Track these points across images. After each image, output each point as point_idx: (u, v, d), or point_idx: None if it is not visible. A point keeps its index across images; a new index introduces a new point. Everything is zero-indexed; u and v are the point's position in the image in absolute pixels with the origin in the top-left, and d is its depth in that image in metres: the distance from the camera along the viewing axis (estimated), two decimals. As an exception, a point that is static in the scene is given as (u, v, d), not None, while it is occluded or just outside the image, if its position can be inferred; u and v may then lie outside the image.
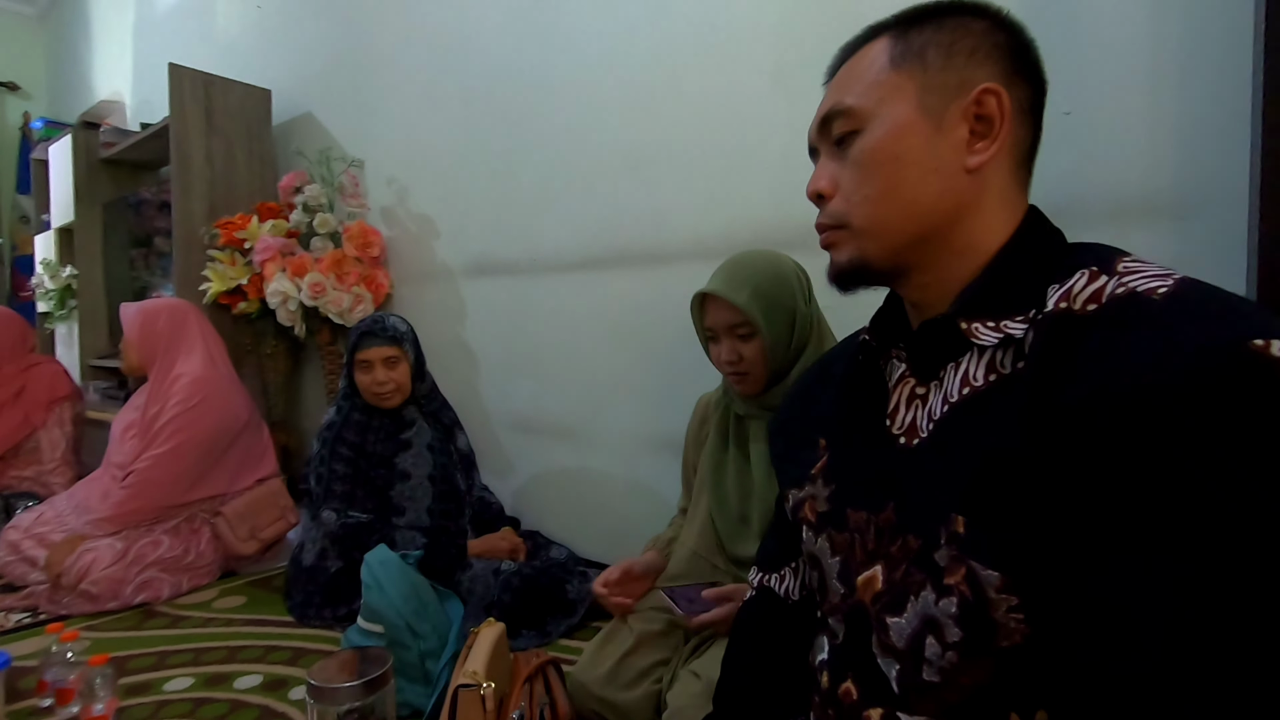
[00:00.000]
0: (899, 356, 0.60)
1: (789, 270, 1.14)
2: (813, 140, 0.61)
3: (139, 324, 1.83)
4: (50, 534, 1.70)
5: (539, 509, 1.93)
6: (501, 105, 1.93)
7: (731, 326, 1.10)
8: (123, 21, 3.71)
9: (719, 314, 1.11)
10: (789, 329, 1.10)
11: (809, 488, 0.64)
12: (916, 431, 0.54)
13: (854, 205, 0.55)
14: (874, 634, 0.53)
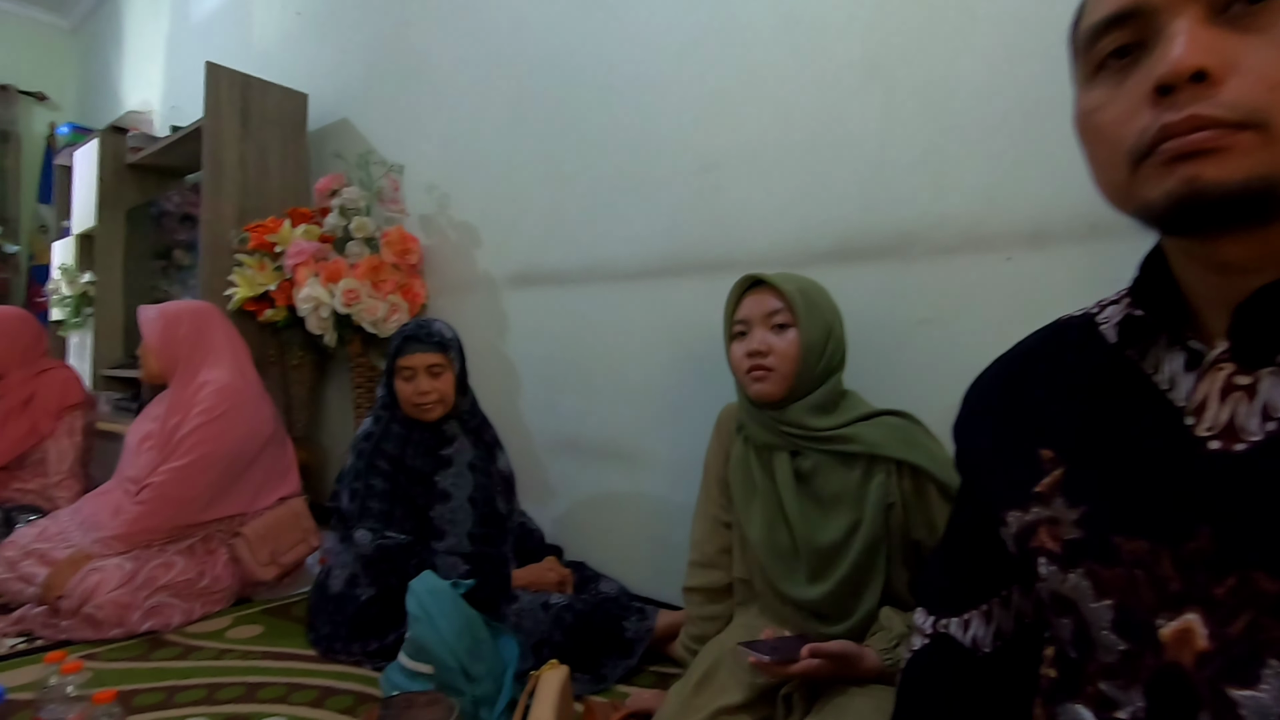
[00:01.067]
0: (1182, 337, 0.46)
1: (829, 296, 1.12)
2: None
3: (160, 328, 1.71)
4: (52, 551, 1.55)
5: (584, 538, 1.77)
6: (553, 107, 1.84)
7: (769, 314, 1.06)
8: (156, 31, 3.68)
9: (757, 302, 1.07)
10: (823, 341, 1.06)
11: (1038, 509, 0.50)
12: (1242, 433, 0.41)
13: None
14: (1205, 711, 0.39)
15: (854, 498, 1.01)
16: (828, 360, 1.06)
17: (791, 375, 1.05)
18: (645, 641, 1.35)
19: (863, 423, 1.04)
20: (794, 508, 1.05)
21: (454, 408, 1.56)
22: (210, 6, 3.24)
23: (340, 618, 1.41)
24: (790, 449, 1.08)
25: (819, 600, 1.03)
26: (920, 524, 1.00)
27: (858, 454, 1.02)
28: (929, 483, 0.98)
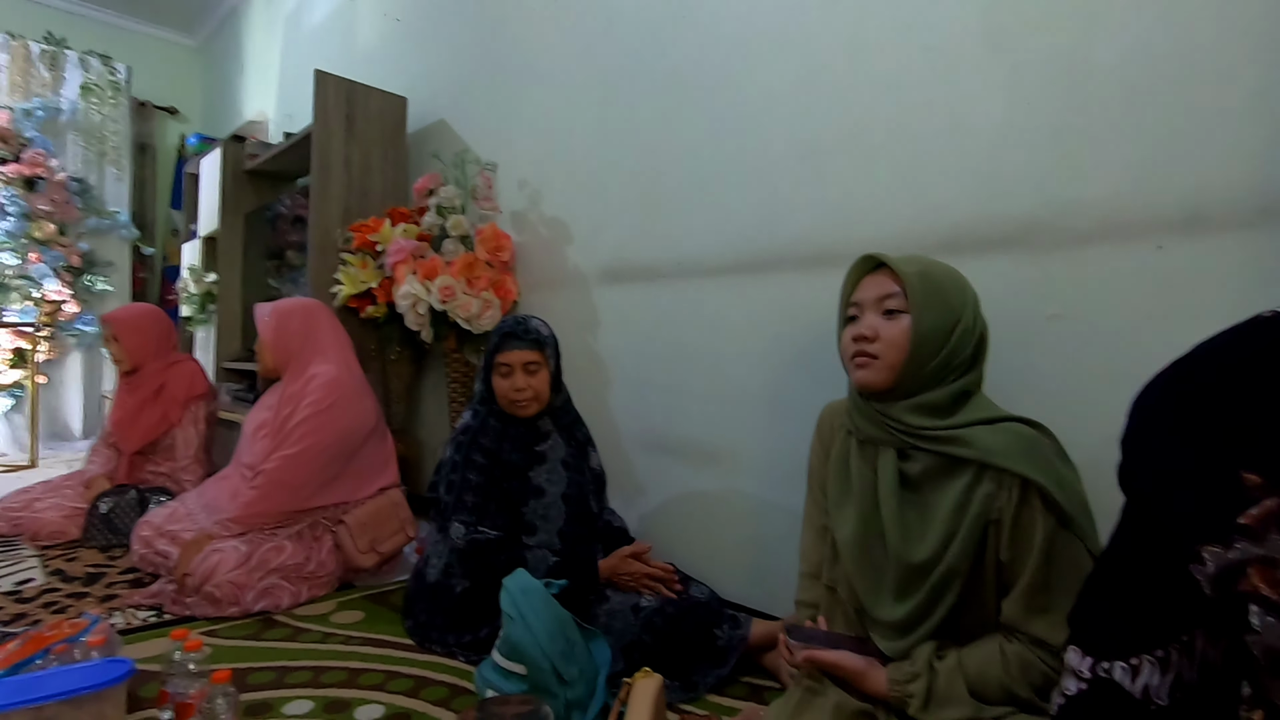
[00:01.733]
0: None
1: (966, 283, 1.01)
2: None
3: (273, 325, 1.80)
4: (180, 531, 1.66)
5: (672, 539, 1.74)
6: (645, 100, 1.80)
7: (881, 298, 0.98)
8: (271, 44, 3.92)
9: (872, 285, 1.00)
10: (944, 332, 0.95)
11: (1245, 545, 0.42)
12: None
13: None
14: None
15: (955, 508, 0.92)
16: (949, 356, 0.96)
17: (897, 366, 0.96)
18: (739, 651, 1.30)
19: (981, 426, 0.94)
20: (892, 515, 0.97)
21: (548, 404, 1.56)
22: (318, 18, 3.41)
23: (436, 607, 1.44)
24: (897, 446, 1.00)
25: (901, 620, 0.95)
26: (1012, 544, 0.89)
27: (968, 460, 0.92)
28: (1038, 501, 0.87)
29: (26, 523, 2.09)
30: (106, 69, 3.99)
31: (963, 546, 0.90)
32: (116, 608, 1.60)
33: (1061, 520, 0.86)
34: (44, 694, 0.93)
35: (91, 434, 3.88)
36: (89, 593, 1.70)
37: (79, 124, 3.89)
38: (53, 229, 3.66)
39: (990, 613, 0.92)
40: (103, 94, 3.96)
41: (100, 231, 3.92)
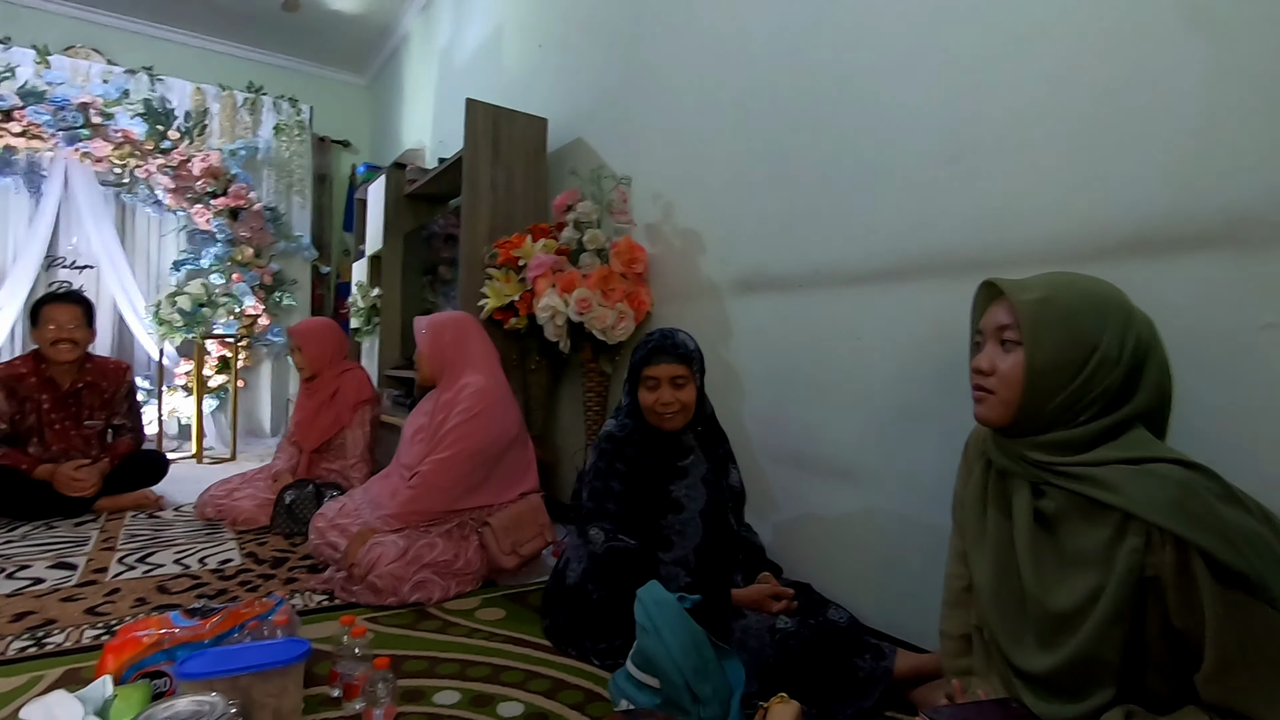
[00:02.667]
0: None
1: (1113, 303, 0.87)
2: None
3: (430, 337, 1.94)
4: (349, 525, 1.83)
5: (809, 558, 1.67)
6: (779, 105, 1.77)
7: (999, 328, 0.90)
8: (427, 77, 4.27)
9: (993, 312, 0.94)
10: (1071, 365, 0.85)
11: None
12: None
13: None
14: None
15: (1100, 558, 0.82)
16: (1080, 391, 0.85)
17: (1013, 403, 0.88)
18: (883, 684, 1.22)
19: (1126, 466, 0.82)
20: (1026, 555, 0.88)
21: (693, 419, 1.55)
22: (469, 50, 3.67)
23: (574, 611, 1.48)
24: (1031, 480, 0.90)
25: (1046, 674, 0.85)
26: (1181, 611, 0.77)
27: (1110, 505, 0.81)
28: (1201, 564, 0.75)
29: (228, 510, 2.40)
30: (294, 110, 4.53)
31: (1114, 605, 0.80)
32: (296, 590, 1.79)
33: (1237, 582, 0.73)
34: (240, 665, 1.05)
35: (278, 432, 4.39)
36: (275, 575, 1.91)
37: (271, 160, 4.44)
38: (250, 252, 4.19)
39: (1180, 677, 0.80)
40: (291, 133, 4.50)
41: (287, 253, 4.44)
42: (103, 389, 2.63)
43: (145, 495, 2.64)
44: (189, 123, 4.10)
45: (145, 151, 3.90)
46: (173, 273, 4.14)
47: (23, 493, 2.38)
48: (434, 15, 4.21)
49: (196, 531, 2.32)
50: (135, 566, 1.95)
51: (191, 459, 3.72)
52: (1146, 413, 0.89)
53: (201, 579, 1.86)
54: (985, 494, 0.98)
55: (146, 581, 1.83)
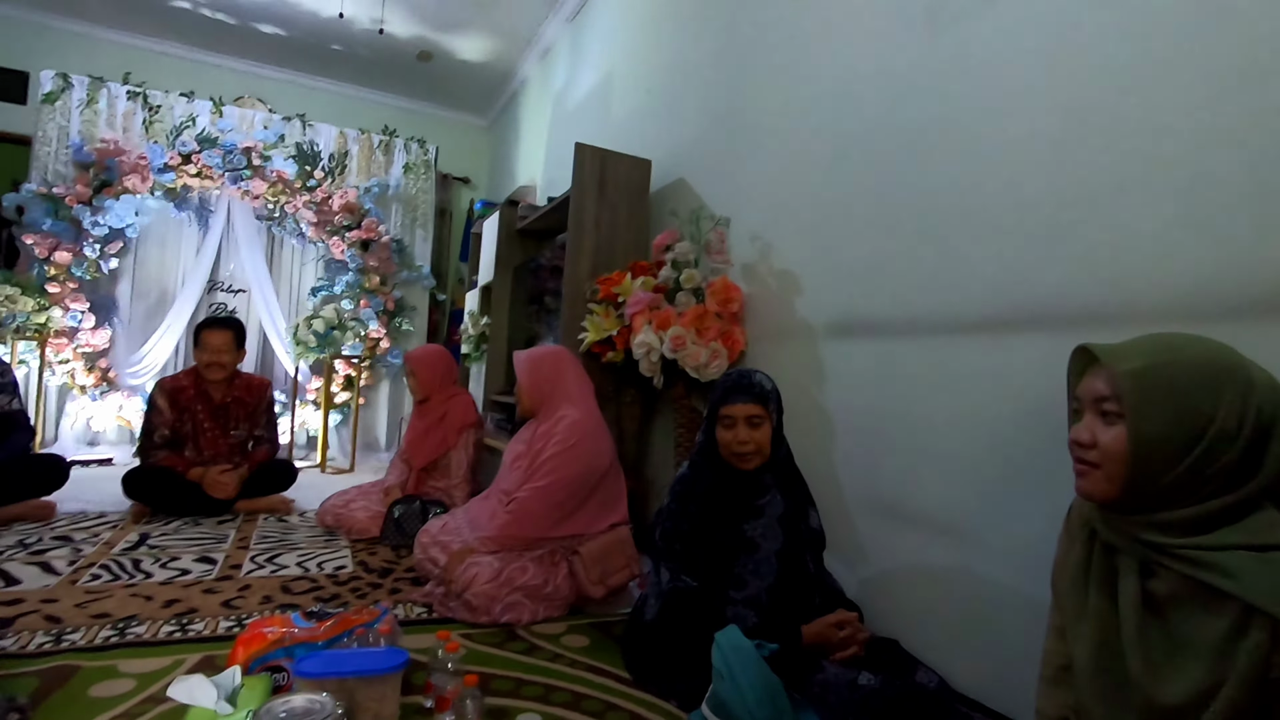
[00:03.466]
0: None
1: (1229, 369, 0.80)
2: None
3: (529, 369, 2.05)
4: (450, 543, 1.95)
5: (896, 613, 1.62)
6: (880, 153, 1.76)
7: (1097, 399, 0.85)
8: (542, 119, 4.52)
9: (1090, 381, 0.88)
10: (1184, 440, 0.78)
11: None
12: None
13: None
14: None
15: (1217, 651, 0.75)
16: (1198, 466, 0.79)
17: (1119, 479, 0.83)
18: (972, 756, 1.16)
19: (1248, 552, 0.76)
20: (1133, 639, 0.82)
21: (769, 459, 1.56)
22: (581, 94, 3.87)
23: (652, 647, 1.50)
24: (1140, 558, 0.84)
25: None
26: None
27: (1229, 594, 0.75)
28: None
29: (344, 519, 2.61)
30: (422, 150, 4.92)
31: (1232, 706, 0.73)
32: (400, 600, 1.91)
33: None
34: (348, 669, 1.15)
35: (392, 447, 4.70)
36: (382, 584, 2.06)
37: (400, 196, 4.83)
38: (377, 280, 4.56)
39: None
40: (418, 171, 4.89)
41: (409, 282, 4.80)
42: (248, 403, 2.94)
43: (277, 500, 2.91)
44: (332, 163, 4.55)
45: (294, 189, 4.36)
46: (310, 298, 4.57)
47: (178, 491, 2.69)
48: (551, 62, 4.47)
49: (317, 537, 2.54)
50: (264, 566, 2.16)
51: (316, 468, 4.05)
52: (1277, 490, 0.82)
53: (319, 582, 2.04)
54: (1088, 568, 0.92)
55: (272, 581, 2.02)
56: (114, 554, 2.17)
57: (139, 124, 4.14)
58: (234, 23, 4.58)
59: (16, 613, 1.66)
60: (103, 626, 1.61)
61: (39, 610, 1.68)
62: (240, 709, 1.08)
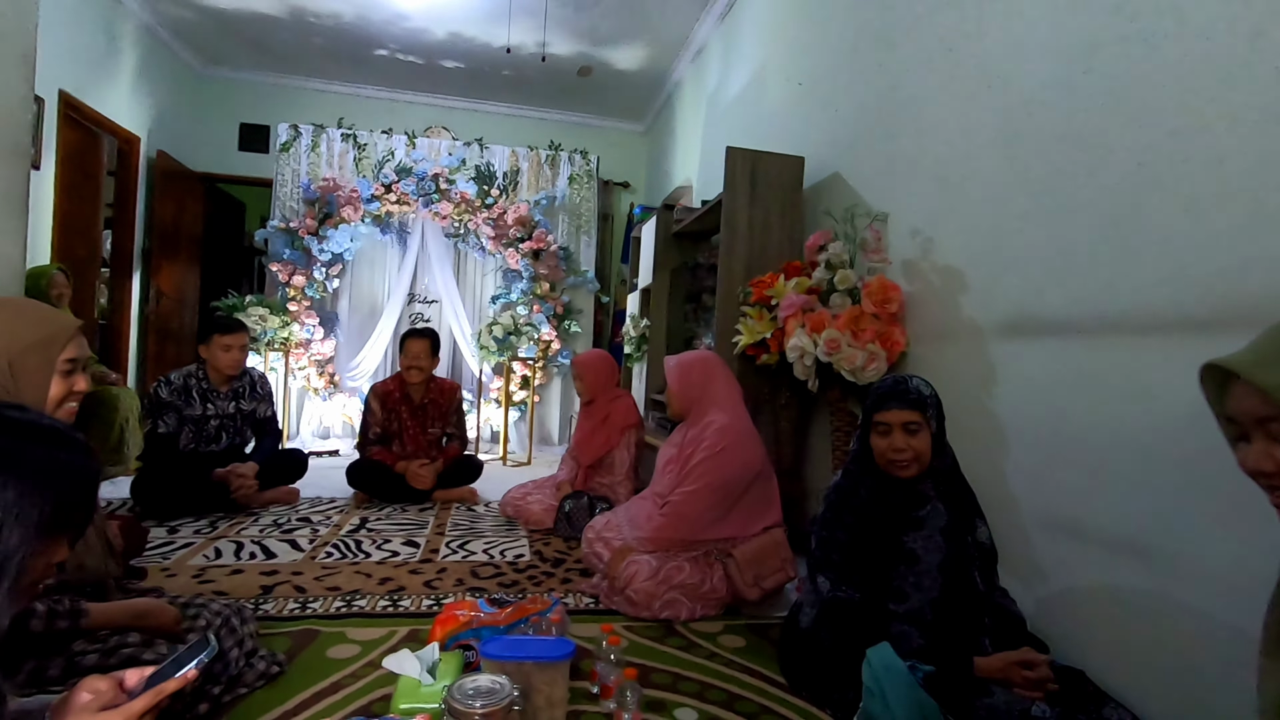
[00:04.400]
0: None
1: None
2: None
3: (678, 375, 2.12)
4: (612, 540, 2.08)
5: (1082, 642, 1.48)
6: (1054, 133, 1.61)
7: (1261, 420, 0.75)
8: (696, 120, 4.58)
9: (1243, 399, 0.78)
10: None
11: None
12: None
13: None
14: None
15: None
16: None
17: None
18: (1166, 808, 1.05)
19: None
20: None
21: (930, 468, 1.50)
22: (734, 92, 3.87)
23: (807, 655, 1.51)
24: None
25: None
26: None
27: None
28: None
29: (522, 511, 2.86)
30: (584, 161, 5.20)
31: None
32: (570, 590, 2.08)
33: None
34: (525, 654, 1.30)
35: (564, 441, 5.04)
36: (555, 574, 2.25)
37: (565, 206, 5.14)
38: (547, 287, 4.90)
39: None
40: (581, 181, 5.17)
41: (575, 286, 5.10)
42: (441, 404, 3.32)
43: (466, 491, 3.26)
44: (506, 181, 4.95)
45: (475, 208, 4.81)
46: (491, 305, 5.02)
47: (388, 481, 3.11)
48: (703, 63, 4.51)
49: (499, 527, 2.81)
50: (457, 551, 2.44)
51: (498, 461, 4.46)
52: None
53: (501, 569, 2.27)
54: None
55: (463, 566, 2.29)
56: (341, 535, 2.58)
57: (351, 162, 4.80)
58: (422, 62, 5.14)
59: (274, 582, 2.04)
60: (335, 598, 1.93)
61: (289, 581, 2.06)
62: (438, 681, 1.26)
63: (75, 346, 1.24)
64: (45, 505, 0.73)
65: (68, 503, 0.76)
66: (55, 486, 0.74)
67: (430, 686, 1.25)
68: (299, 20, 4.59)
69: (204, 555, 2.27)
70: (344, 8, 4.41)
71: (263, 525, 2.66)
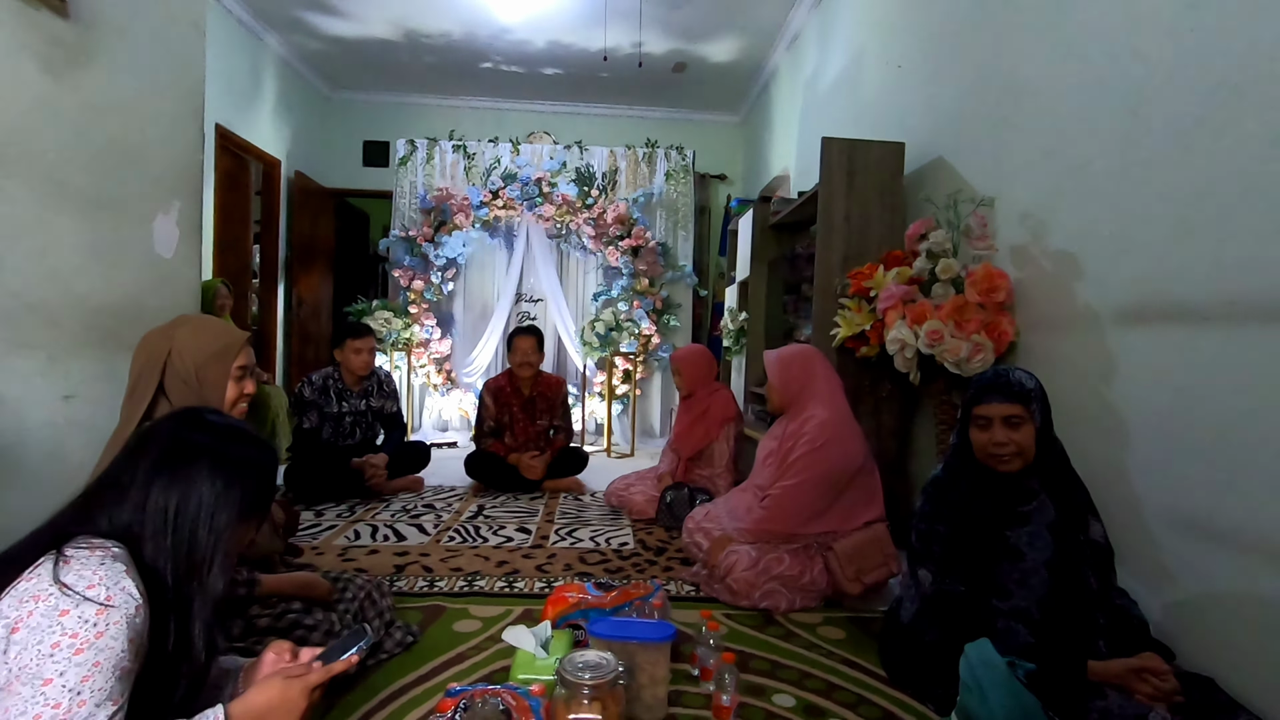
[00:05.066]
0: None
1: None
2: None
3: (778, 370, 2.14)
4: (712, 530, 2.15)
5: (1214, 648, 1.39)
6: (1181, 107, 1.50)
7: None
8: (793, 108, 4.52)
9: None
10: None
11: None
12: None
13: None
14: None
15: None
16: None
17: None
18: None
19: None
20: None
21: (1035, 462, 1.45)
22: (831, 77, 3.80)
23: (907, 649, 1.51)
24: None
25: None
26: None
27: None
28: None
29: (625, 501, 2.98)
30: (680, 156, 5.25)
31: None
32: (671, 577, 2.17)
33: None
34: (629, 635, 1.39)
35: (664, 433, 5.14)
36: (657, 561, 2.34)
37: (663, 202, 5.22)
38: (646, 283, 5.01)
39: None
40: (678, 176, 5.23)
41: (673, 281, 5.17)
42: (549, 397, 3.50)
43: (573, 482, 3.42)
44: (604, 181, 5.09)
45: (576, 209, 4.99)
46: (593, 302, 5.19)
47: (501, 471, 3.33)
48: (799, 49, 4.44)
49: (605, 516, 2.94)
50: (565, 538, 2.59)
51: (603, 452, 4.63)
52: None
53: (606, 556, 2.39)
54: None
55: (571, 552, 2.43)
56: (461, 520, 2.79)
57: (461, 171, 5.10)
58: (524, 71, 5.37)
59: (405, 562, 2.26)
60: (458, 578, 2.11)
61: (418, 561, 2.27)
62: (551, 655, 1.38)
63: (245, 355, 1.45)
64: (244, 494, 0.89)
65: (258, 491, 0.92)
66: (251, 478, 0.91)
67: (544, 660, 1.37)
68: (413, 42, 4.92)
69: (345, 536, 2.54)
70: (452, 27, 4.69)
71: (393, 510, 2.92)
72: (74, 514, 0.89)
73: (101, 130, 1.72)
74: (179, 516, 0.87)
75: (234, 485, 0.89)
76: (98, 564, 0.81)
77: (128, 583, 0.81)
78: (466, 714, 1.05)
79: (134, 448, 0.92)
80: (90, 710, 0.75)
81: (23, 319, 1.52)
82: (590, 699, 1.11)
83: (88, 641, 0.76)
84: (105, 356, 1.72)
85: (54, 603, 0.77)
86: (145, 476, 0.88)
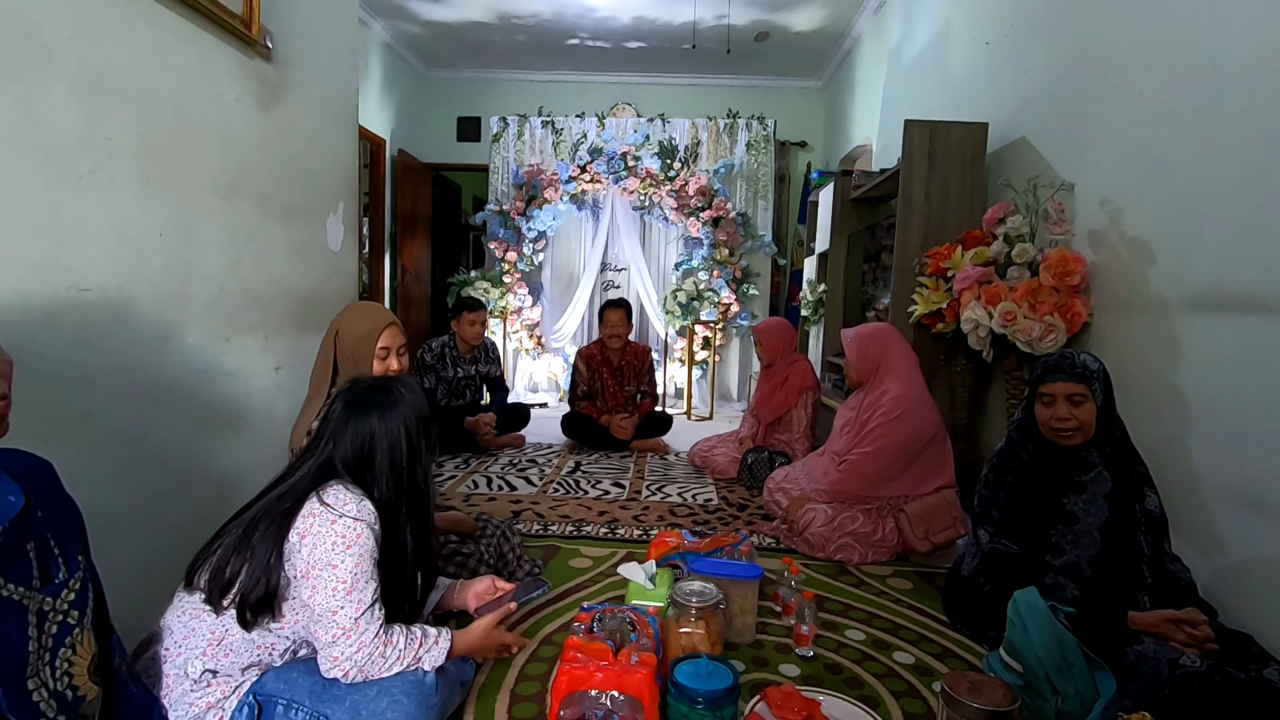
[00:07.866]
0: None
1: None
2: None
3: (856, 347, 2.33)
4: (790, 490, 2.38)
5: (1257, 609, 1.53)
6: (1263, 103, 1.56)
7: None
8: (876, 77, 4.52)
9: None
10: None
11: None
12: None
13: None
14: None
15: None
16: None
17: None
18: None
19: None
20: None
21: (1096, 437, 1.60)
22: (916, 49, 3.80)
23: (967, 599, 1.72)
24: None
25: None
26: None
27: None
28: None
29: (709, 461, 3.24)
30: (761, 126, 5.34)
31: None
32: (754, 531, 2.42)
33: None
34: (724, 572, 1.66)
35: (742, 398, 5.36)
36: (740, 517, 2.60)
37: (743, 172, 5.34)
38: (726, 253, 5.18)
39: None
40: (759, 146, 5.33)
41: (752, 250, 5.32)
42: (636, 365, 3.78)
43: (658, 442, 3.71)
44: (686, 154, 5.25)
45: (659, 181, 5.18)
46: (674, 272, 5.41)
47: (594, 432, 3.65)
48: (885, 16, 4.42)
49: (689, 474, 3.22)
50: (656, 493, 2.88)
51: (683, 415, 4.90)
52: None
53: (694, 510, 2.67)
54: None
55: (663, 505, 2.72)
56: (562, 475, 3.13)
57: (550, 146, 5.37)
58: (609, 46, 5.53)
59: (520, 509, 2.61)
60: (567, 524, 2.43)
61: (531, 509, 2.61)
62: (659, 587, 1.67)
63: (388, 336, 1.73)
64: (427, 424, 1.22)
65: (430, 421, 1.25)
66: (424, 412, 1.23)
67: (652, 590, 1.66)
68: (505, 22, 5.16)
69: (466, 485, 2.92)
70: (542, 7, 4.89)
71: (502, 464, 3.30)
72: (318, 464, 1.22)
73: (293, 151, 2.08)
74: (373, 452, 1.20)
75: (416, 419, 1.23)
76: (344, 490, 1.14)
77: (367, 503, 1.14)
78: (601, 623, 1.34)
79: (326, 416, 1.25)
80: (364, 583, 1.10)
81: (251, 307, 1.91)
82: (696, 618, 1.38)
83: (352, 541, 1.09)
84: (300, 335, 2.13)
85: (326, 516, 1.10)
86: (341, 429, 1.21)
